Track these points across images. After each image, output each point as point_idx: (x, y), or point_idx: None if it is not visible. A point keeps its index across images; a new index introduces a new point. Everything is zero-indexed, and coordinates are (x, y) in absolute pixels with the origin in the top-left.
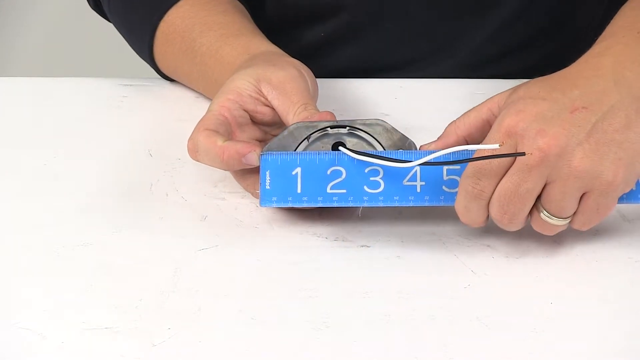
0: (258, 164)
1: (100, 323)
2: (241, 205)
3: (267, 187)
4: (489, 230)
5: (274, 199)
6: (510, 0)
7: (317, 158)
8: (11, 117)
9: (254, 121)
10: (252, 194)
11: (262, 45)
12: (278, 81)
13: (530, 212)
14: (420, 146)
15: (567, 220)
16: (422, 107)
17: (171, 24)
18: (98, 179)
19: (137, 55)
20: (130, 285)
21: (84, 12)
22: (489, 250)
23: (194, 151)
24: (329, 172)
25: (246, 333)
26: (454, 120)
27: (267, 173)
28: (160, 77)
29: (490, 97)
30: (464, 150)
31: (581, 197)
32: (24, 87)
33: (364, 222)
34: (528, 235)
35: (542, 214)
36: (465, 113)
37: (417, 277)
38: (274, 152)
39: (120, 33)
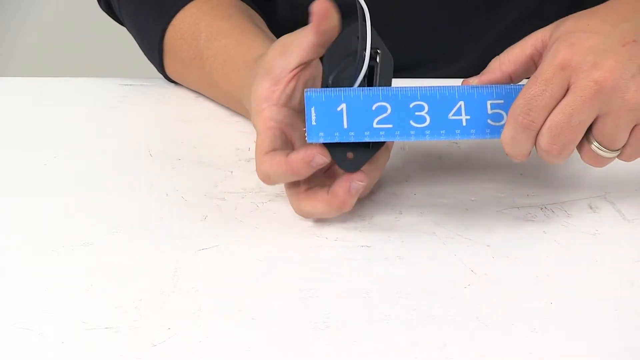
0: (327, 162)
1: (100, 323)
2: (241, 205)
3: (313, 123)
4: (490, 230)
5: (321, 134)
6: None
7: (361, 94)
8: (11, 117)
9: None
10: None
11: (260, 49)
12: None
13: (580, 145)
14: (463, 81)
15: (617, 153)
16: None
17: (178, 29)
18: (98, 179)
19: (137, 56)
20: (130, 285)
21: (84, 12)
22: (489, 250)
23: (267, 179)
24: (374, 107)
25: (246, 333)
26: (498, 56)
27: (312, 109)
28: (163, 77)
29: (532, 33)
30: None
31: (631, 130)
32: (24, 87)
33: (364, 222)
34: (528, 235)
35: (593, 145)
36: (508, 49)
37: (417, 277)
38: (318, 90)
39: (133, 37)
